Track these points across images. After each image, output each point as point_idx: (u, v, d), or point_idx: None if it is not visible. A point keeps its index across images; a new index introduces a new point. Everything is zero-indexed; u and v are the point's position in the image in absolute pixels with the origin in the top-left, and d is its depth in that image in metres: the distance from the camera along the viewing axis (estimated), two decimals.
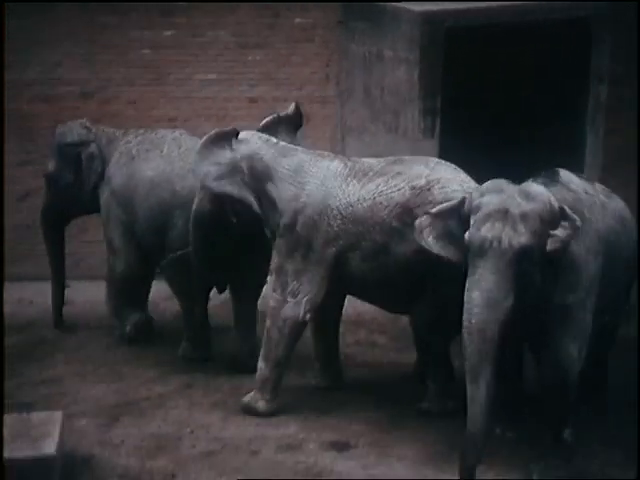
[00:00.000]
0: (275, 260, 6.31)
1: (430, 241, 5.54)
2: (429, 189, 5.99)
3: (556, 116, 8.40)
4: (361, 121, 8.26)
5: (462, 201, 5.52)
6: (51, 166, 7.68)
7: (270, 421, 6.29)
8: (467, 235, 5.33)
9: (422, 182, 6.03)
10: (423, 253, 5.72)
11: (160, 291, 7.94)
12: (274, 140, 6.43)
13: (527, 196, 5.36)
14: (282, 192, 6.27)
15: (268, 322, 6.32)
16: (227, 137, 6.39)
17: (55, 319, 7.86)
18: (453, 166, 6.21)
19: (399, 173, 6.12)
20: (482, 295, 5.20)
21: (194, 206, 6.61)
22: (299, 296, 6.22)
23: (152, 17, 8.27)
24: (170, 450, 5.92)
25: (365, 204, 6.10)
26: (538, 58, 8.41)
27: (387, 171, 6.17)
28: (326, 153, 6.51)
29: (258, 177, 6.29)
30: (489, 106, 8.67)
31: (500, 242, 5.23)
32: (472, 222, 5.35)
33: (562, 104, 8.34)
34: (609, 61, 7.97)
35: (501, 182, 5.50)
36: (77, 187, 7.63)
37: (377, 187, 6.11)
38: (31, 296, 8.34)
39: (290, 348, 6.32)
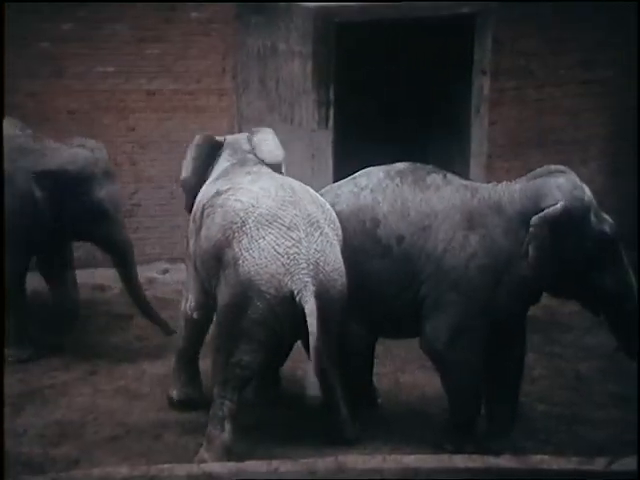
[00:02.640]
0: None
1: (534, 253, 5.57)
2: (220, 194, 5.77)
3: (445, 107, 8.66)
4: (258, 112, 8.37)
5: (566, 208, 5.55)
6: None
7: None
8: (609, 229, 5.63)
9: (225, 187, 5.81)
10: (199, 255, 5.79)
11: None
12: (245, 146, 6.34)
13: None
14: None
15: None
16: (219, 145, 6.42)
17: None
18: (281, 183, 5.80)
19: (230, 179, 5.94)
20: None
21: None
22: (188, 291, 6.21)
23: (51, 10, 8.23)
24: (73, 437, 5.96)
25: (199, 204, 6.00)
26: (427, 52, 8.62)
27: (232, 177, 5.98)
28: (241, 155, 6.25)
29: None
30: (381, 98, 8.87)
31: None
32: (592, 217, 5.63)
33: (450, 96, 8.61)
34: (491, 55, 8.31)
35: (566, 176, 5.71)
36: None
37: (210, 189, 5.99)
38: None
39: (188, 342, 6.27)
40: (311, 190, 5.93)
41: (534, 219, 5.55)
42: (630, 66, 9.20)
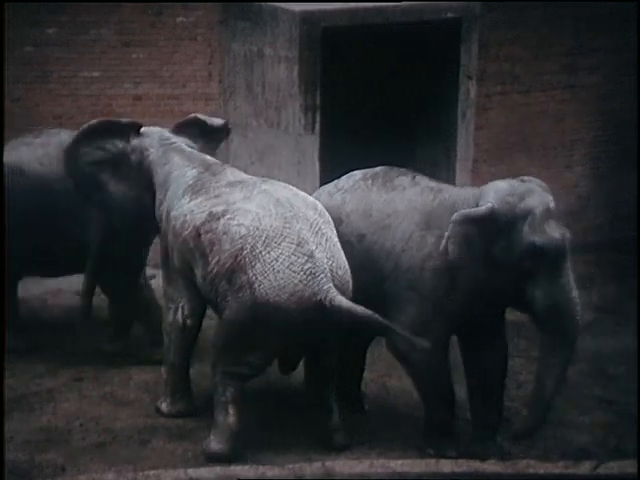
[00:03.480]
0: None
1: (451, 248, 5.59)
2: (219, 218, 5.77)
3: (431, 112, 8.66)
4: (244, 117, 8.36)
5: (491, 210, 5.56)
6: None
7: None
8: (538, 240, 5.50)
9: (220, 209, 5.80)
10: (205, 278, 5.78)
11: (48, 286, 7.97)
12: (172, 140, 6.41)
13: (545, 189, 5.75)
14: (156, 196, 6.35)
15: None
16: (122, 128, 6.49)
17: None
18: (277, 198, 5.79)
19: (217, 196, 5.91)
20: (577, 293, 5.65)
21: None
22: (176, 301, 6.20)
23: (35, 14, 8.19)
24: (60, 443, 5.97)
25: (180, 220, 6.00)
26: (412, 56, 8.63)
27: (214, 191, 5.96)
28: (200, 160, 6.29)
29: (145, 173, 6.41)
30: (368, 103, 8.86)
31: (566, 239, 5.59)
32: (525, 227, 5.55)
33: (436, 101, 8.62)
34: (477, 60, 8.34)
35: (511, 182, 5.74)
36: None
37: (193, 205, 5.96)
38: None
39: (181, 352, 6.26)
40: (300, 192, 5.99)
41: (454, 215, 5.61)
42: (614, 71, 9.29)
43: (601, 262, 8.67)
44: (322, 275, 5.56)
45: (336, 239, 5.80)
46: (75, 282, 7.92)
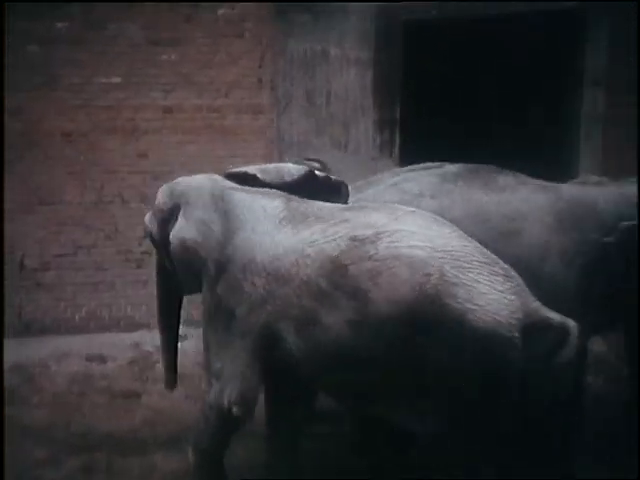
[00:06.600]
0: (202, 324, 5.77)
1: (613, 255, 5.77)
2: (374, 242, 5.15)
3: (543, 127, 8.21)
4: (302, 135, 7.90)
5: None
6: None
7: None
8: None
9: (369, 232, 5.19)
10: (360, 325, 5.17)
11: (50, 349, 7.48)
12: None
13: None
14: (207, 237, 5.64)
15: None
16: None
17: None
18: (433, 217, 5.40)
19: (346, 220, 5.32)
20: None
21: None
22: (223, 379, 5.52)
23: (40, 6, 7.60)
24: None
25: (292, 257, 5.29)
26: (518, 57, 8.22)
27: (333, 216, 5.40)
28: (273, 191, 5.70)
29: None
30: (460, 116, 8.48)
31: None
32: None
33: (548, 112, 8.17)
34: (607, 61, 7.72)
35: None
36: None
37: (311, 235, 5.31)
38: None
39: (217, 440, 5.73)
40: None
41: (621, 225, 5.70)
42: None
43: None
44: (524, 294, 5.09)
45: None
46: (83, 345, 7.68)
